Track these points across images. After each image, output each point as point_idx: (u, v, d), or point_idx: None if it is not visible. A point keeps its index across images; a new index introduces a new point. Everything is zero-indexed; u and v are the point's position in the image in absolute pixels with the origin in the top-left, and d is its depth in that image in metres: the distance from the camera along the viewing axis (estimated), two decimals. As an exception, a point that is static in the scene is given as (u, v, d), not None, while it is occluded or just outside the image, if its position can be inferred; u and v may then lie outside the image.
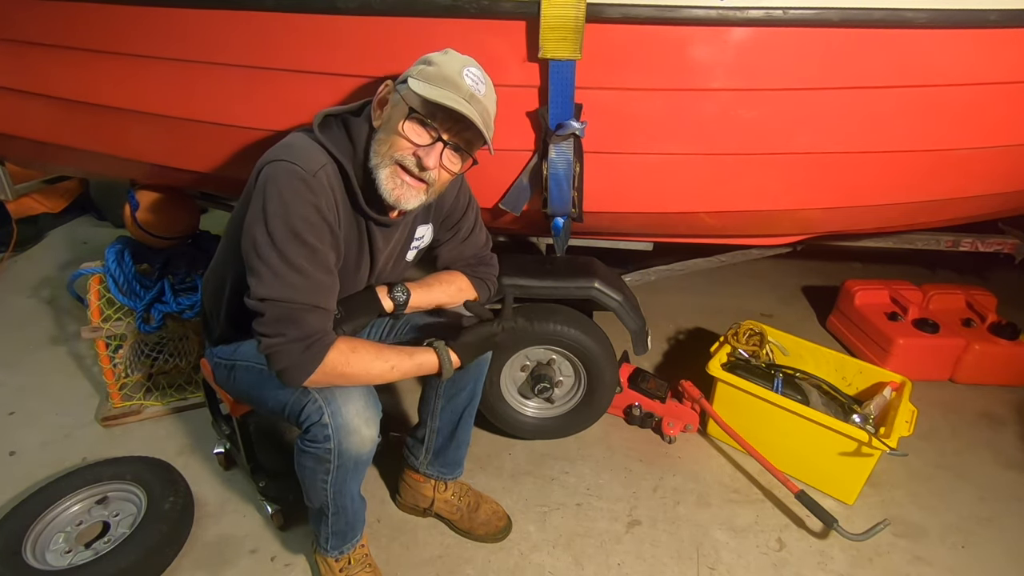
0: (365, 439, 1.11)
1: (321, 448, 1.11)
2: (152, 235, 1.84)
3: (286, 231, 1.00)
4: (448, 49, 1.09)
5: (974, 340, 2.17)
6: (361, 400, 1.11)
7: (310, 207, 1.02)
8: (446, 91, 1.02)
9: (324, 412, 1.08)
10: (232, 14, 1.26)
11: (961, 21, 1.18)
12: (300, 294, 1.02)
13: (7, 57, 1.45)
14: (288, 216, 1.00)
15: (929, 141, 1.38)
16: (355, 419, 1.09)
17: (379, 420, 1.14)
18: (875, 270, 3.16)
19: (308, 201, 1.02)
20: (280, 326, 1.02)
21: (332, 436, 1.09)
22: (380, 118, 1.09)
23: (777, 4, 1.16)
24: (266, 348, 1.03)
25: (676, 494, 1.68)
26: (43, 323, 2.40)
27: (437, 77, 1.03)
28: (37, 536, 1.40)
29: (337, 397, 1.09)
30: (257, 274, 1.02)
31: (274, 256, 1.00)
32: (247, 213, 1.05)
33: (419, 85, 1.02)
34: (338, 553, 1.29)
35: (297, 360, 1.03)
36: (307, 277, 1.02)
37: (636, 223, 1.66)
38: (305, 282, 1.02)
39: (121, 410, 1.87)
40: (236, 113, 1.42)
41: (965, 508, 1.68)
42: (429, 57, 1.07)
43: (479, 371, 1.40)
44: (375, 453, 1.16)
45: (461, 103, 1.01)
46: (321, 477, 1.15)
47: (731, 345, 1.95)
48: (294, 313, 1.02)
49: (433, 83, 1.02)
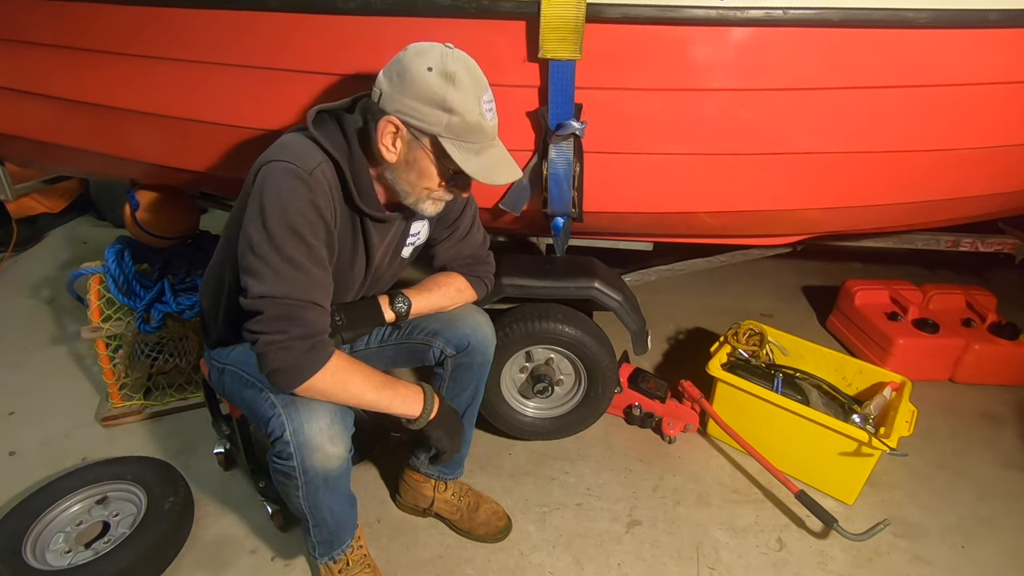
0: (331, 456, 1.09)
1: (286, 465, 1.09)
2: (152, 235, 1.84)
3: (284, 228, 1.00)
4: (443, 53, 1.00)
5: (974, 340, 2.17)
6: (326, 417, 1.08)
7: (308, 204, 1.02)
8: (485, 156, 1.05)
9: (286, 428, 1.06)
10: (232, 14, 1.26)
11: (961, 21, 1.18)
12: (300, 290, 1.01)
13: (7, 57, 1.45)
14: (286, 213, 1.00)
15: (929, 141, 1.38)
16: (318, 436, 1.07)
17: (348, 436, 1.11)
18: (875, 270, 3.16)
19: (306, 198, 1.01)
20: (280, 323, 1.00)
21: (295, 454, 1.07)
22: (395, 154, 1.06)
23: (777, 4, 1.16)
24: (264, 346, 1.00)
25: (676, 494, 1.68)
26: (43, 323, 2.40)
27: (466, 131, 1.02)
28: (37, 536, 1.40)
29: (301, 412, 1.07)
30: (254, 272, 1.01)
31: (272, 253, 1.00)
32: (244, 214, 1.04)
33: (457, 151, 1.02)
34: (328, 559, 1.28)
35: (296, 360, 1.01)
36: (306, 273, 1.02)
37: (636, 223, 1.66)
38: (304, 278, 1.02)
39: (121, 410, 1.87)
40: (236, 113, 1.42)
41: (965, 508, 1.68)
42: (446, 98, 0.99)
43: (482, 371, 1.40)
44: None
45: (501, 175, 1.06)
46: (293, 492, 1.13)
47: (731, 345, 1.95)
48: (294, 310, 1.01)
49: (466, 139, 1.03)
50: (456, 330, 1.35)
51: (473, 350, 1.36)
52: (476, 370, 1.38)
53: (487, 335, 1.38)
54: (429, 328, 1.35)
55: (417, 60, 1.00)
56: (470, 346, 1.35)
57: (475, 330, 1.36)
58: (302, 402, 1.08)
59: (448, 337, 1.35)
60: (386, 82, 1.03)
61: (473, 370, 1.37)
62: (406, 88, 1.00)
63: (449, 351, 1.35)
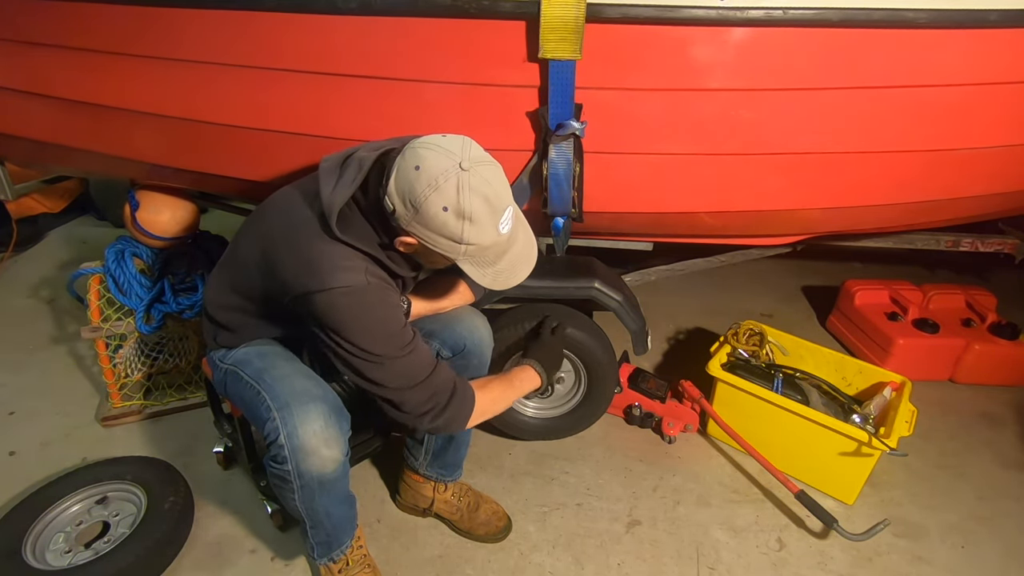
0: (326, 460, 1.09)
1: (281, 469, 1.10)
2: (152, 235, 1.84)
3: (380, 340, 1.04)
4: (459, 185, 0.95)
5: (974, 340, 2.17)
6: (320, 419, 1.09)
7: (384, 307, 1.07)
8: (502, 262, 1.08)
9: (281, 432, 1.07)
10: (232, 14, 1.25)
11: (961, 21, 1.18)
12: (421, 368, 1.09)
13: (7, 57, 1.45)
14: (371, 331, 1.04)
15: (929, 141, 1.38)
16: (312, 440, 1.07)
17: (343, 439, 1.12)
18: (875, 270, 3.16)
19: (379, 304, 1.06)
20: (429, 403, 1.10)
21: (289, 458, 1.08)
22: (414, 249, 1.07)
23: (777, 4, 1.16)
24: (428, 423, 1.11)
25: (676, 494, 1.68)
26: (43, 323, 2.40)
27: (482, 252, 1.03)
28: (37, 536, 1.40)
29: (295, 415, 1.07)
30: (382, 384, 1.07)
31: (386, 362, 1.05)
32: (321, 339, 1.06)
33: (473, 269, 1.05)
34: (327, 560, 1.28)
35: (457, 415, 1.13)
36: (415, 349, 1.08)
37: (636, 223, 1.66)
38: (416, 356, 1.09)
39: (121, 410, 1.87)
40: (236, 113, 1.41)
41: (965, 508, 1.68)
42: (463, 236, 0.98)
43: (478, 374, 1.40)
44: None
45: (519, 274, 1.11)
46: (289, 495, 1.14)
47: (731, 345, 1.95)
48: (427, 385, 1.09)
49: (483, 258, 1.05)
50: (453, 331, 1.35)
51: (469, 352, 1.36)
52: (471, 372, 1.38)
53: (484, 338, 1.39)
54: (426, 329, 1.35)
55: (432, 198, 0.95)
56: (466, 348, 1.35)
57: (472, 332, 1.36)
58: (296, 405, 1.08)
59: (444, 338, 1.35)
60: (400, 205, 0.99)
61: (469, 372, 1.37)
62: (422, 220, 0.98)
63: (445, 352, 1.35)
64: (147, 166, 1.67)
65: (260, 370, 1.18)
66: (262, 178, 1.54)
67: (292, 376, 1.16)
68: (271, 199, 1.17)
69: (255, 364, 1.20)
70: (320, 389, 1.15)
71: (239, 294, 1.20)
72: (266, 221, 1.14)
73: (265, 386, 1.14)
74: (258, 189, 1.54)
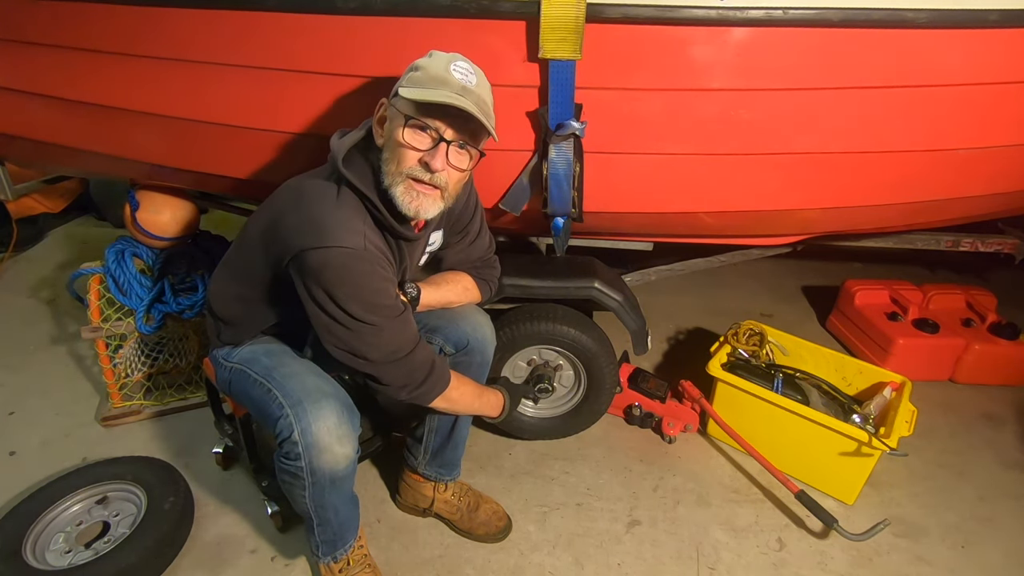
0: (339, 457, 1.10)
1: (293, 465, 1.10)
2: (152, 235, 1.84)
3: (365, 308, 1.05)
4: (432, 51, 1.08)
5: (974, 340, 2.17)
6: (334, 416, 1.09)
7: (376, 279, 1.07)
8: (437, 90, 1.02)
9: (294, 429, 1.07)
10: (233, 14, 1.26)
11: (961, 21, 1.18)
12: (403, 343, 1.11)
13: (7, 57, 1.45)
14: (361, 296, 1.05)
15: (929, 141, 1.38)
16: (326, 437, 1.08)
17: (355, 437, 1.13)
18: (875, 270, 3.16)
19: (372, 275, 1.06)
20: (406, 378, 1.13)
21: (303, 454, 1.08)
22: (382, 135, 1.10)
23: (777, 4, 1.16)
24: (406, 395, 1.16)
25: (676, 494, 1.68)
26: (43, 323, 2.40)
27: (426, 80, 1.03)
28: (37, 536, 1.40)
29: (308, 412, 1.08)
30: (358, 349, 1.08)
31: (365, 328, 1.06)
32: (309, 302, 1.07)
33: (410, 91, 1.02)
34: (330, 559, 1.28)
35: (431, 389, 1.17)
36: (398, 325, 1.10)
37: (636, 223, 1.66)
38: (399, 330, 1.10)
39: (121, 410, 1.87)
40: (236, 113, 1.42)
41: (965, 508, 1.68)
42: (415, 63, 1.07)
43: (480, 372, 1.41)
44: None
45: (454, 97, 1.01)
46: (299, 492, 1.14)
47: (731, 345, 1.95)
48: (407, 361, 1.12)
49: (423, 86, 1.02)
50: (457, 328, 1.35)
51: (472, 350, 1.36)
52: (474, 370, 1.38)
53: (487, 336, 1.39)
54: (430, 324, 1.36)
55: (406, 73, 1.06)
56: (469, 345, 1.36)
57: (475, 330, 1.37)
58: (310, 402, 1.09)
59: (448, 335, 1.35)
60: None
61: (471, 370, 1.37)
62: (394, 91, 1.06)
63: (448, 349, 1.36)
64: (147, 166, 1.67)
65: (269, 368, 1.18)
66: (263, 178, 1.54)
67: (303, 374, 1.17)
68: (283, 183, 1.19)
69: (263, 362, 1.20)
70: (331, 386, 1.16)
71: (239, 281, 1.21)
72: (277, 196, 1.16)
73: (276, 383, 1.14)
74: (259, 189, 1.54)
